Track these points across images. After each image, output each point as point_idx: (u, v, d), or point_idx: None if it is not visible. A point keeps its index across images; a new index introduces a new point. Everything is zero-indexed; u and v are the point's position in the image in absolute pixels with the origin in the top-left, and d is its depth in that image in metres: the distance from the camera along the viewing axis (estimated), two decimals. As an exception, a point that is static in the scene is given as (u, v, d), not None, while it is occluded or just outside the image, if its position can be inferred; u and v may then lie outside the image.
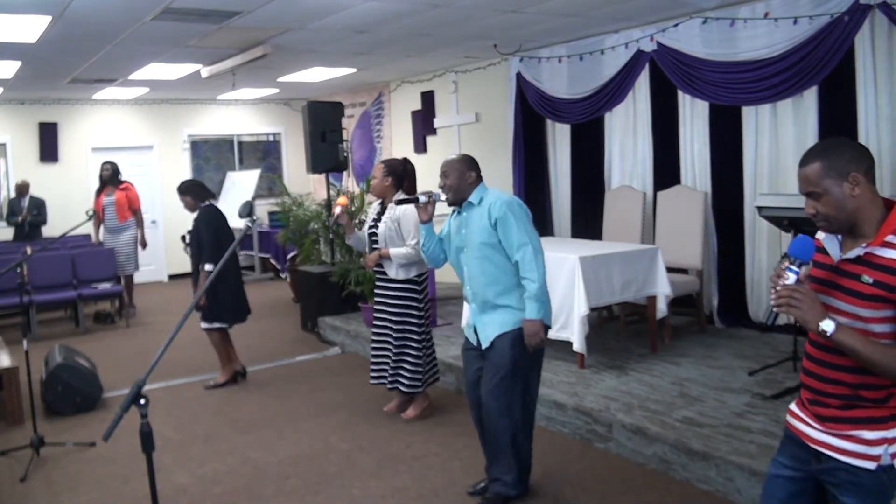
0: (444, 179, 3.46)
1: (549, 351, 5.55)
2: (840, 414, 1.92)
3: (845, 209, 1.88)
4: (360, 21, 5.94)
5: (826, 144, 1.95)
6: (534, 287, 3.28)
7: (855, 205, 1.88)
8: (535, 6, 5.65)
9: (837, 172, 1.87)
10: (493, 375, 3.39)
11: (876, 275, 1.83)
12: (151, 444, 2.08)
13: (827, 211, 1.90)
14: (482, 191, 3.45)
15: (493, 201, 3.36)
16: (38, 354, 5.77)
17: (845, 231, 1.93)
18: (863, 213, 1.88)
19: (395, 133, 10.37)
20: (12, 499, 3.91)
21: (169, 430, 4.81)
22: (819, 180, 1.90)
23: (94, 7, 5.12)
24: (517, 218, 3.32)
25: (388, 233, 4.59)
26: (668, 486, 3.71)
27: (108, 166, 8.63)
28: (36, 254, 6.84)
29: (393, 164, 4.71)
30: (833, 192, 1.88)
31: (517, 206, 3.37)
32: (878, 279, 1.83)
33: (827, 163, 1.89)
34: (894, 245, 1.83)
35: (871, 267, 1.85)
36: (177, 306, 9.09)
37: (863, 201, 1.88)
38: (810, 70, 5.24)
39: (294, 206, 8.71)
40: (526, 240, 3.30)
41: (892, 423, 1.89)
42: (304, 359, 6.56)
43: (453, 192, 3.44)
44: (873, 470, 1.87)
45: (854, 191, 1.87)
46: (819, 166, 1.90)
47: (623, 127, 6.89)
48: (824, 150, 1.93)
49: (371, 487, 3.84)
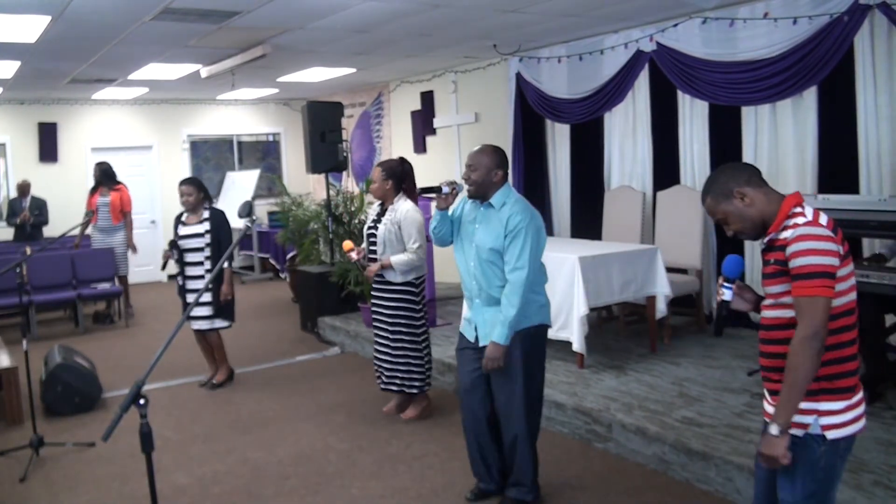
0: (469, 172, 3.32)
1: (549, 351, 5.55)
2: (772, 387, 2.16)
3: (749, 218, 2.16)
4: (360, 21, 5.94)
5: (708, 180, 2.26)
6: (511, 313, 3.21)
7: (755, 211, 2.15)
8: (535, 6, 5.65)
9: (724, 196, 2.18)
10: (509, 381, 3.35)
11: (775, 255, 2.10)
12: (151, 444, 2.08)
13: (738, 227, 2.19)
14: (506, 193, 3.33)
15: (512, 213, 3.25)
16: (38, 354, 5.77)
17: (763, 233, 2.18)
18: (765, 214, 2.14)
19: (395, 133, 10.37)
20: (12, 499, 3.91)
21: (168, 430, 4.81)
22: (716, 209, 2.20)
23: (94, 7, 5.12)
24: (529, 238, 3.22)
25: (387, 235, 4.57)
26: (668, 486, 3.71)
27: (104, 166, 8.62)
28: (35, 254, 6.83)
29: (391, 165, 4.67)
30: (732, 212, 2.17)
31: (534, 226, 3.25)
32: (776, 258, 2.09)
33: (713, 194, 2.20)
34: (786, 227, 2.08)
35: (773, 250, 2.11)
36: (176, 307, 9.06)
37: (759, 205, 2.15)
38: (810, 70, 5.24)
39: (293, 207, 8.71)
40: (525, 265, 3.21)
41: (823, 396, 2.07)
42: (303, 359, 6.56)
43: (476, 187, 3.32)
44: (801, 437, 2.06)
45: (745, 201, 2.15)
46: (710, 200, 2.21)
47: (623, 127, 6.90)
48: (708, 185, 2.23)
49: (371, 487, 3.84)
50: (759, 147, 5.78)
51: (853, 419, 2.07)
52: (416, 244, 4.49)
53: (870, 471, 3.31)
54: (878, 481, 3.21)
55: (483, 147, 3.37)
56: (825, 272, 1.97)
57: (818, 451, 2.05)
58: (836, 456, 2.07)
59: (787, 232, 2.06)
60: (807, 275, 1.98)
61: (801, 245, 2.00)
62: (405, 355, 4.67)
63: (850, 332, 2.08)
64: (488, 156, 3.31)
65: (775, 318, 2.12)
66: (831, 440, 2.05)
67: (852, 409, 2.07)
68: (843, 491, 3.12)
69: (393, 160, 4.75)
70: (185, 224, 5.54)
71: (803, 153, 5.49)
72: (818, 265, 1.97)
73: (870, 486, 3.17)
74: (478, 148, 3.38)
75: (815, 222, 2.02)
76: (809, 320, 1.97)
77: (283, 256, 9.82)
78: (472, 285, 3.43)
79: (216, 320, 5.56)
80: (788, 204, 2.10)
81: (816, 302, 1.97)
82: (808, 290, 1.97)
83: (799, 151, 5.52)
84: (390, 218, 4.59)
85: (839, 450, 2.07)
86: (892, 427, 3.81)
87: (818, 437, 2.04)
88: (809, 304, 1.97)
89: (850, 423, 2.06)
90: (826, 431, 2.04)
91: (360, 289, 6.64)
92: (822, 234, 2.00)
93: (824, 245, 1.98)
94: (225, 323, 5.61)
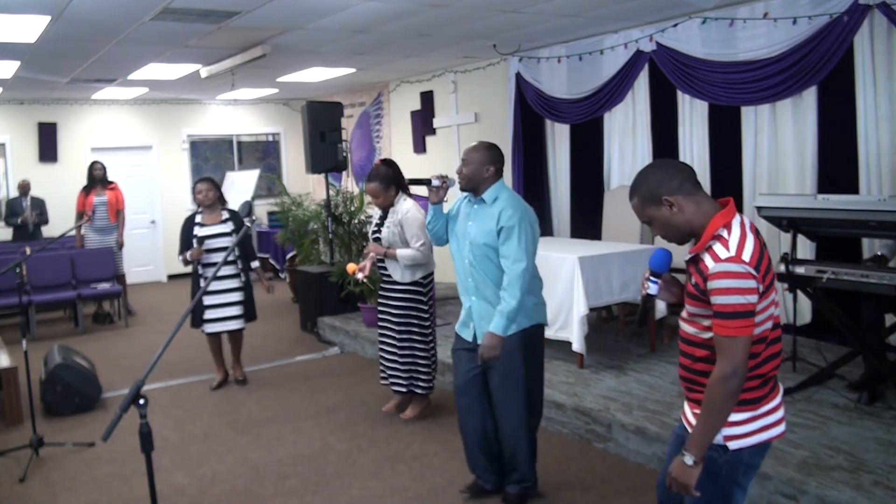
0: (462, 166, 3.37)
1: (549, 351, 5.55)
2: (690, 396, 2.21)
3: (675, 227, 2.10)
4: (360, 21, 5.94)
5: (637, 176, 2.16)
6: (511, 304, 3.22)
7: (682, 220, 2.08)
8: (535, 6, 5.65)
9: (652, 201, 2.10)
10: (507, 380, 3.36)
11: (696, 277, 2.06)
12: (150, 445, 2.08)
13: (663, 232, 2.14)
14: (498, 189, 3.35)
15: (504, 207, 3.28)
16: (37, 354, 5.77)
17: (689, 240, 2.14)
18: (693, 224, 2.08)
19: (395, 133, 10.37)
20: (11, 499, 3.91)
21: (168, 430, 4.81)
22: (643, 212, 2.14)
23: (94, 7, 5.12)
24: (523, 232, 3.24)
25: (391, 237, 4.59)
26: (668, 486, 3.71)
27: (100, 166, 8.60)
28: (35, 254, 6.83)
29: (381, 174, 4.57)
30: (658, 218, 2.11)
31: (527, 220, 3.28)
32: (696, 281, 2.06)
33: (641, 196, 2.12)
34: (710, 250, 2.02)
35: (696, 270, 2.08)
36: (175, 307, 9.09)
37: (688, 215, 2.08)
38: (809, 70, 5.24)
39: (293, 206, 8.71)
40: (522, 257, 3.23)
41: None
42: (303, 359, 6.56)
43: (467, 181, 3.36)
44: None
45: (673, 210, 2.08)
46: (636, 201, 2.14)
47: (622, 127, 6.89)
48: (636, 183, 2.15)
49: (370, 487, 3.84)
50: (759, 147, 5.78)
51: (759, 429, 2.07)
52: (420, 242, 4.49)
53: (870, 471, 3.32)
54: (878, 481, 3.21)
55: (478, 143, 3.42)
56: (745, 312, 1.95)
57: (720, 461, 2.06)
58: (739, 464, 2.07)
59: (708, 258, 2.01)
60: (727, 314, 1.96)
61: (721, 283, 1.96)
62: (412, 355, 4.68)
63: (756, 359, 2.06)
64: (481, 152, 3.36)
65: (692, 335, 2.14)
66: (733, 450, 2.05)
67: (757, 420, 2.07)
68: (843, 491, 3.13)
69: (379, 168, 4.63)
70: (204, 225, 5.54)
71: (803, 153, 5.49)
72: (738, 305, 1.95)
73: (870, 486, 3.17)
74: (473, 144, 3.43)
75: (737, 258, 1.96)
76: (729, 360, 1.96)
77: (283, 256, 9.82)
78: (468, 283, 3.44)
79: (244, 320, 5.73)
80: (715, 224, 2.04)
81: (736, 342, 1.96)
82: (729, 330, 1.96)
83: (799, 151, 5.52)
84: (392, 220, 4.60)
85: (742, 459, 2.07)
86: (892, 427, 3.81)
87: (720, 448, 2.05)
88: (729, 345, 1.97)
89: (754, 434, 2.07)
90: (728, 442, 2.05)
91: (359, 289, 6.64)
92: (743, 272, 1.95)
93: (744, 283, 1.94)
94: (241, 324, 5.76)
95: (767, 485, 3.32)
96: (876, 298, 4.16)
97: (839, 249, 5.08)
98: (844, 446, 3.59)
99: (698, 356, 2.12)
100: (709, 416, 2.00)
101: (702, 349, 2.10)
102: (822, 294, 4.41)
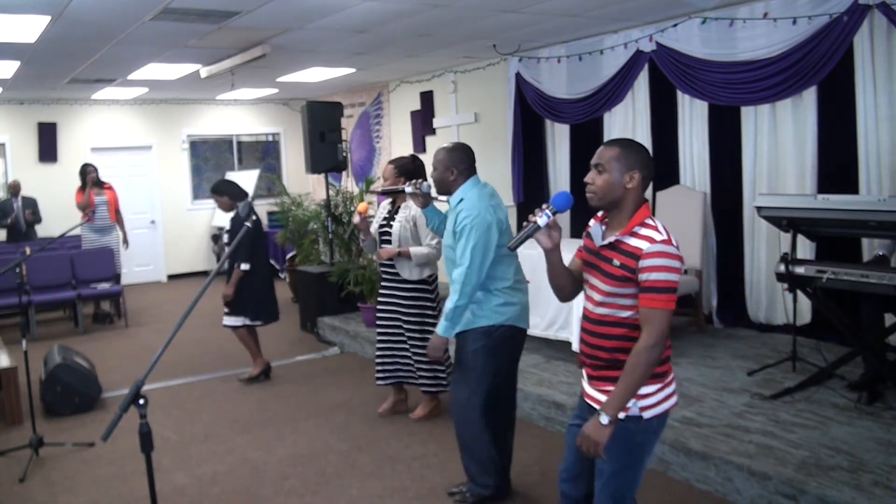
0: (432, 170, 3.49)
1: (549, 351, 5.57)
2: (602, 374, 2.35)
3: (613, 193, 2.28)
4: (360, 21, 5.94)
5: (630, 141, 2.36)
6: (449, 305, 3.31)
7: (622, 194, 2.28)
8: (535, 6, 5.65)
9: (625, 163, 2.27)
10: (460, 378, 3.44)
11: (622, 259, 2.24)
12: (150, 445, 2.08)
13: (600, 186, 2.29)
14: (465, 190, 3.38)
15: (462, 209, 3.31)
16: (37, 354, 5.77)
17: (606, 210, 2.34)
18: (624, 204, 2.29)
19: (395, 133, 10.37)
20: (11, 499, 3.91)
21: (168, 430, 4.80)
22: (609, 160, 2.28)
23: (94, 7, 5.12)
24: (472, 234, 3.22)
25: (403, 232, 4.54)
26: (668, 485, 3.71)
27: (92, 168, 8.53)
28: (35, 254, 6.83)
29: (403, 163, 4.59)
30: (613, 174, 2.27)
31: (482, 222, 3.24)
32: (623, 262, 2.23)
33: (623, 152, 2.29)
34: (638, 235, 2.23)
35: (620, 252, 2.25)
36: (175, 306, 9.09)
37: (630, 196, 2.28)
38: (809, 70, 5.24)
39: (293, 207, 8.71)
40: (467, 262, 3.23)
41: None
42: (302, 359, 6.56)
43: (438, 185, 3.48)
44: (622, 419, 2.23)
45: (628, 184, 2.27)
46: (616, 150, 2.29)
47: (622, 127, 6.89)
48: (627, 143, 2.33)
49: (370, 487, 3.84)
50: (759, 147, 5.78)
51: (664, 398, 2.31)
52: (435, 240, 4.46)
53: (870, 471, 3.31)
54: (877, 481, 3.21)
55: (442, 147, 3.48)
56: (672, 288, 2.20)
57: (634, 429, 2.28)
58: (650, 432, 2.32)
59: (638, 241, 2.21)
60: (659, 289, 2.19)
61: (658, 261, 2.19)
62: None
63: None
64: (443, 155, 3.43)
65: (605, 315, 2.31)
66: (647, 419, 2.29)
67: (663, 391, 2.31)
68: (843, 491, 3.13)
69: (405, 157, 4.67)
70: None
71: (803, 153, 5.49)
72: (669, 282, 2.19)
73: (870, 486, 3.17)
74: (439, 147, 3.49)
75: (669, 241, 2.21)
76: (656, 330, 2.18)
77: (283, 256, 9.82)
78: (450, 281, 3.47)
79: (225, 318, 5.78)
80: (644, 214, 2.27)
81: (664, 315, 2.19)
82: (658, 303, 2.19)
83: (798, 151, 5.52)
84: (405, 215, 4.55)
85: (652, 426, 2.31)
86: (892, 427, 3.81)
87: (635, 418, 2.27)
88: (658, 316, 2.19)
89: (662, 402, 2.31)
90: (643, 412, 2.27)
91: (359, 289, 6.64)
92: (675, 254, 2.21)
93: (675, 264, 2.20)
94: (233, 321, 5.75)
95: (767, 485, 3.32)
96: (876, 298, 4.16)
97: (839, 249, 5.08)
98: (844, 446, 3.59)
99: (614, 334, 2.30)
100: (630, 381, 2.20)
101: (618, 327, 2.29)
102: (822, 294, 4.41)
